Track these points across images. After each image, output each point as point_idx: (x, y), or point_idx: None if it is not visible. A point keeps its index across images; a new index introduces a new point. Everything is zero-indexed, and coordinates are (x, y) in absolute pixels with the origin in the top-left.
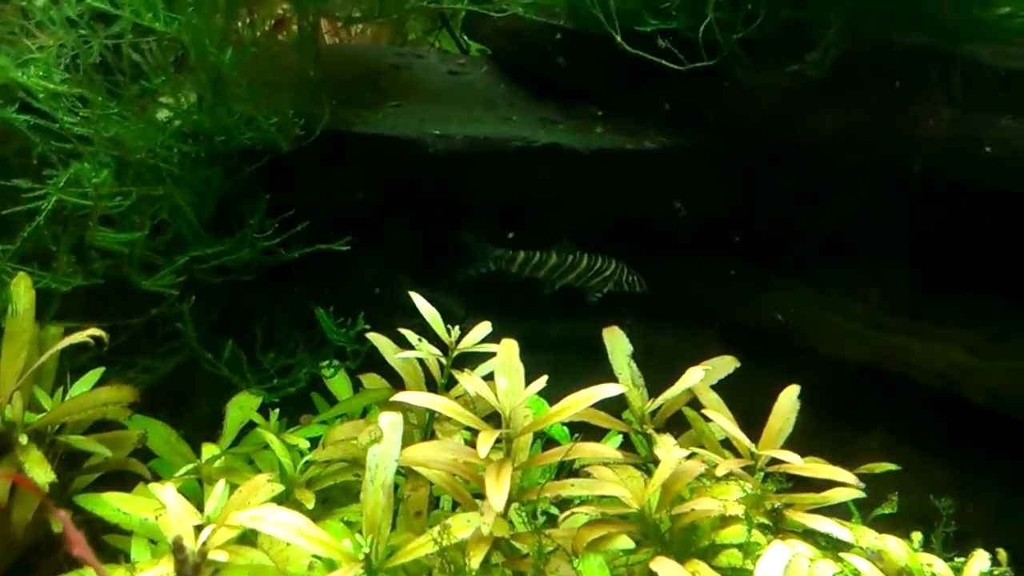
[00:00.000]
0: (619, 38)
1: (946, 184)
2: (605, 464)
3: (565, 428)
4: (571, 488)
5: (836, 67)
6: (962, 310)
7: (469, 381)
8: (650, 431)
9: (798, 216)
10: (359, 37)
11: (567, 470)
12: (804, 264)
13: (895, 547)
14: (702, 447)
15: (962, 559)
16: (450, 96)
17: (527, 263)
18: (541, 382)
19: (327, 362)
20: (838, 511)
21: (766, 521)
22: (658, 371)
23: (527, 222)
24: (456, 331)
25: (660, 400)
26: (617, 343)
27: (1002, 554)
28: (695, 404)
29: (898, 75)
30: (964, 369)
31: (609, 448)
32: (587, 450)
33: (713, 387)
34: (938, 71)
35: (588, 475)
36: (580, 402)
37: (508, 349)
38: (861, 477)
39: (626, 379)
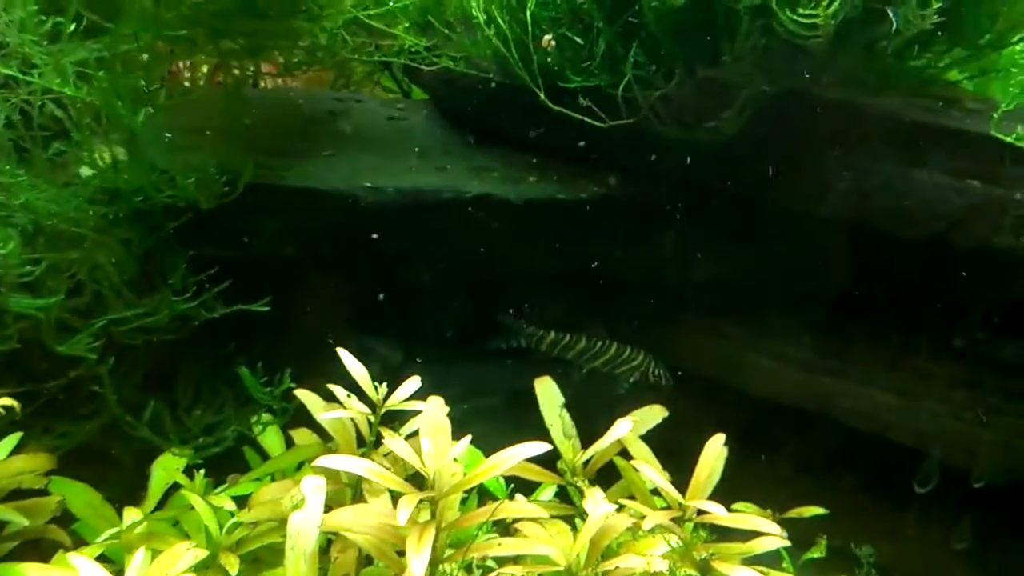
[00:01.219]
0: (542, 95)
1: (869, 233)
2: (536, 519)
3: (502, 481)
4: (498, 547)
5: (756, 121)
6: (888, 353)
7: (394, 443)
8: (580, 483)
9: (731, 263)
10: (301, 78)
11: (503, 524)
12: (738, 309)
13: None
14: (633, 497)
15: None
16: (386, 144)
17: (556, 344)
18: (465, 442)
19: (255, 418)
20: (770, 555)
21: (695, 573)
22: (600, 414)
23: (465, 271)
24: (383, 388)
25: (590, 452)
26: (548, 394)
27: None
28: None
29: (817, 128)
30: (890, 410)
31: (534, 506)
32: (512, 508)
33: (651, 431)
34: (855, 124)
35: (518, 532)
36: (505, 460)
37: (434, 408)
38: (790, 521)
39: (557, 431)
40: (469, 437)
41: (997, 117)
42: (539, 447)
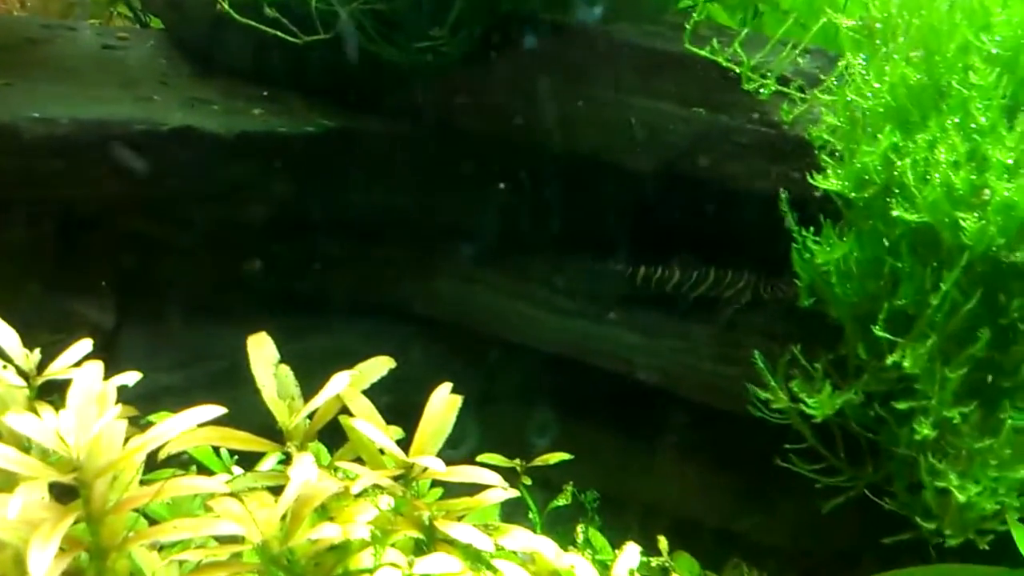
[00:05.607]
0: (226, 5)
1: (611, 167)
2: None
3: (224, 453)
4: (173, 530)
5: (481, 47)
6: (632, 291)
7: (14, 419)
8: (291, 448)
9: (479, 206)
10: (28, 8)
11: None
12: (492, 254)
13: (546, 548)
14: (360, 460)
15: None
16: (87, 74)
17: (648, 279)
18: (113, 412)
19: None
20: (515, 508)
21: (417, 533)
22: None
23: (179, 217)
24: (36, 355)
25: (306, 411)
26: (260, 352)
27: (662, 542)
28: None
29: (549, 56)
30: (635, 350)
31: (213, 480)
32: (185, 486)
33: (406, 386)
34: (590, 51)
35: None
36: (175, 427)
37: (87, 375)
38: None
39: (271, 391)
40: (119, 408)
41: (687, 37)
42: (214, 411)
